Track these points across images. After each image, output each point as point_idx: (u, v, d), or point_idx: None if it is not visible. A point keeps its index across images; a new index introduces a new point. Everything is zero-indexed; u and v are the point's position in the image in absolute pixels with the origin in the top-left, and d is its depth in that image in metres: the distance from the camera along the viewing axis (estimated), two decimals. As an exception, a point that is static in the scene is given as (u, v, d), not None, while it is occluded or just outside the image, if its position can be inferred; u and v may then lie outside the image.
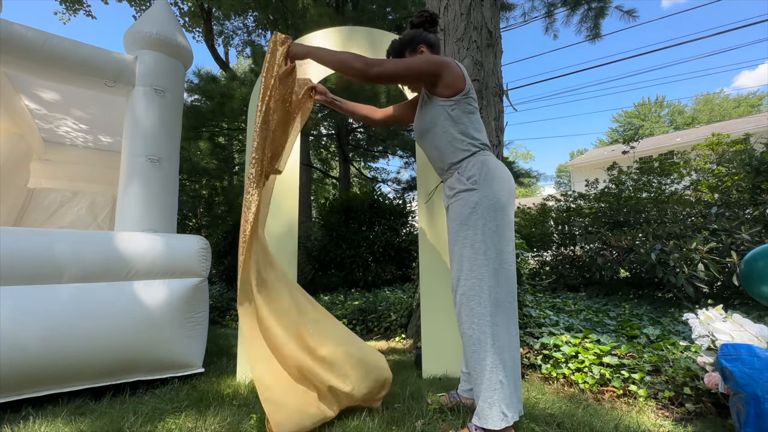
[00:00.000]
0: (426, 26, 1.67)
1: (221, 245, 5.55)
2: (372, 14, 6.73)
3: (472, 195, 1.37)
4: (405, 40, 1.66)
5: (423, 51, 1.63)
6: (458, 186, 1.43)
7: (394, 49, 1.69)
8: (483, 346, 1.28)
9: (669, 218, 3.23)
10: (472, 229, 1.34)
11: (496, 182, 1.39)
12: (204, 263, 2.05)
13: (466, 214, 1.36)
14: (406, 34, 1.68)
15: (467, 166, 1.43)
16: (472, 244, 1.33)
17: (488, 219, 1.34)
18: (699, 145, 4.49)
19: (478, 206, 1.35)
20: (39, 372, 1.59)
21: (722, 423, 1.43)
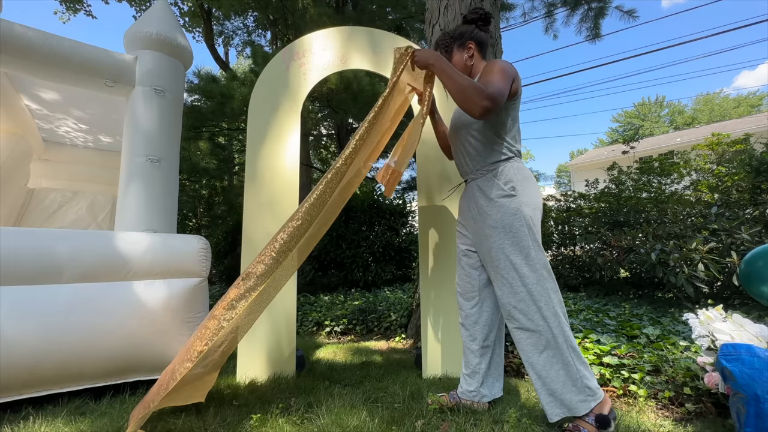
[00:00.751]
0: (479, 24, 1.64)
1: (221, 245, 5.55)
2: (372, 14, 6.72)
3: (512, 201, 1.39)
4: (455, 34, 1.64)
5: (471, 47, 1.61)
6: (495, 191, 1.43)
7: (444, 42, 1.65)
8: (557, 344, 1.31)
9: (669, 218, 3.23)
10: (517, 235, 1.37)
11: (533, 189, 1.44)
12: (204, 263, 2.05)
13: (509, 222, 1.38)
14: (457, 27, 1.66)
15: (503, 170, 1.45)
16: (521, 250, 1.36)
17: (531, 224, 1.38)
18: (699, 145, 4.49)
19: (519, 213, 1.38)
20: (39, 372, 1.59)
21: (722, 423, 1.43)
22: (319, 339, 3.14)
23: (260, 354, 1.99)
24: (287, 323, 2.04)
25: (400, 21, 7.19)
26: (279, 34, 7.33)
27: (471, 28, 1.62)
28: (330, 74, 2.33)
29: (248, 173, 2.11)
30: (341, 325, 3.21)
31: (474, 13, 1.65)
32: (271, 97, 2.19)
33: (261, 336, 2.00)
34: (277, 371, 1.98)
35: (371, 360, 2.38)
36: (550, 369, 1.32)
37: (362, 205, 5.04)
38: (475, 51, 1.60)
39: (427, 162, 2.23)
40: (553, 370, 1.32)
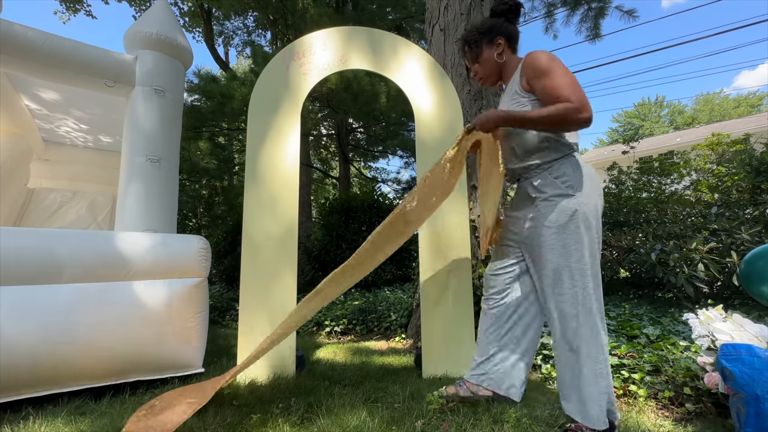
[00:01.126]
0: (509, 16, 1.53)
1: (221, 245, 5.54)
2: (372, 14, 6.73)
3: (569, 201, 1.31)
4: (484, 29, 1.52)
5: (500, 43, 1.50)
6: (550, 189, 1.34)
7: (472, 39, 1.54)
8: (592, 353, 1.29)
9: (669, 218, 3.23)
10: (572, 237, 1.30)
11: (593, 188, 1.34)
12: (204, 263, 2.05)
13: (564, 222, 1.30)
14: (484, 22, 1.54)
15: (559, 167, 1.35)
16: (573, 252, 1.30)
17: (586, 227, 1.30)
18: (699, 145, 4.49)
19: (577, 214, 1.30)
20: (39, 372, 1.59)
21: (722, 423, 1.43)
22: (319, 339, 3.14)
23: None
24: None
25: (400, 21, 7.20)
26: (279, 34, 7.34)
27: (499, 22, 1.51)
28: (330, 74, 2.33)
29: (248, 173, 2.11)
30: (341, 325, 3.21)
31: (504, 3, 1.53)
32: (271, 97, 2.19)
33: (261, 336, 2.00)
34: (277, 371, 1.97)
35: (371, 360, 2.38)
36: (583, 368, 1.30)
37: (362, 205, 5.04)
38: (504, 47, 1.51)
39: (428, 162, 2.23)
40: (585, 370, 1.30)
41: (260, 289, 2.03)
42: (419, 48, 2.35)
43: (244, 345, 1.98)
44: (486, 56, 1.53)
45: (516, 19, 1.55)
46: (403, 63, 2.31)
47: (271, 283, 2.04)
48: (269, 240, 2.07)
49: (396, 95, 5.89)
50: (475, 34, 1.54)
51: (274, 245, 2.07)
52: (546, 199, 1.35)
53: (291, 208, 2.12)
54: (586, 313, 1.29)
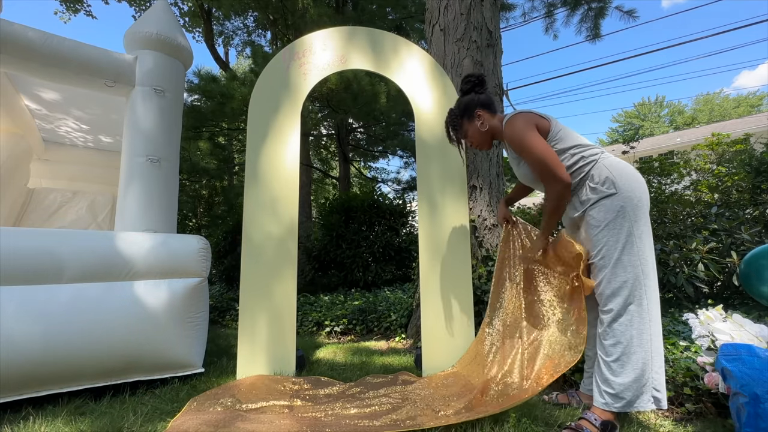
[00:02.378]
0: (477, 89, 1.67)
1: (221, 245, 5.54)
2: (372, 14, 6.72)
3: (614, 200, 1.34)
4: (461, 110, 1.67)
5: (480, 114, 1.63)
6: (593, 195, 1.38)
7: (453, 121, 1.69)
8: (633, 339, 1.31)
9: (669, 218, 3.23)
10: (617, 233, 1.33)
11: (633, 181, 1.37)
12: (204, 263, 2.05)
13: (611, 219, 1.34)
14: (459, 102, 1.69)
15: (596, 173, 1.40)
16: (624, 245, 1.32)
17: (634, 221, 1.33)
18: (699, 145, 4.49)
19: (622, 210, 1.33)
20: (39, 372, 1.59)
21: (722, 423, 1.43)
22: (319, 339, 3.14)
23: (260, 354, 1.99)
24: (287, 323, 2.04)
25: (400, 21, 7.20)
26: (279, 34, 7.33)
27: (471, 98, 1.65)
28: (330, 74, 2.33)
29: (248, 173, 2.11)
30: (341, 325, 3.21)
31: (467, 83, 1.68)
32: (271, 97, 2.19)
33: (261, 336, 2.00)
34: (277, 371, 1.97)
35: (371, 360, 2.38)
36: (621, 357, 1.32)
37: (362, 205, 5.04)
38: (485, 116, 1.63)
39: (428, 162, 2.23)
40: (624, 358, 1.31)
41: (260, 289, 2.03)
42: (419, 48, 2.35)
43: (244, 345, 1.98)
44: (471, 130, 1.67)
45: (483, 89, 1.68)
46: (404, 63, 2.31)
47: (271, 283, 2.04)
48: (269, 240, 2.07)
49: (396, 95, 5.89)
50: (455, 117, 1.69)
51: (274, 245, 2.07)
52: (592, 205, 1.40)
53: (291, 208, 2.12)
54: (624, 300, 1.32)
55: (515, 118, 1.48)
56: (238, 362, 1.97)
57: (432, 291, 2.10)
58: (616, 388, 1.30)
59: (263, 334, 2.01)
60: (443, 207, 2.18)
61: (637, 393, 1.29)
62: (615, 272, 1.33)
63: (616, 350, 1.31)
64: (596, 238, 1.38)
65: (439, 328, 2.06)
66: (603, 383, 1.34)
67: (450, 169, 2.20)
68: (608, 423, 1.30)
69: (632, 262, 1.32)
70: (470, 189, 2.54)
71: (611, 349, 1.33)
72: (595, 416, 1.32)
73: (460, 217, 2.18)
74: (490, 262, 2.49)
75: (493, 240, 2.54)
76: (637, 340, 1.30)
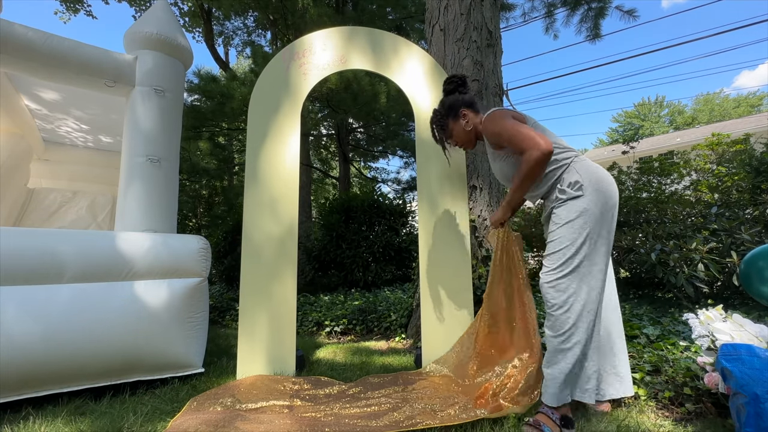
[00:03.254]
0: (461, 89, 1.71)
1: (221, 245, 5.54)
2: (372, 14, 6.72)
3: (580, 201, 1.36)
4: (446, 110, 1.70)
5: (465, 114, 1.66)
6: (561, 196, 1.41)
7: (438, 121, 1.72)
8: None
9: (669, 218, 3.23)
10: (574, 232, 1.35)
11: (604, 185, 1.40)
12: (204, 263, 2.05)
13: (572, 218, 1.36)
14: (443, 102, 1.72)
15: (566, 177, 1.42)
16: (578, 248, 1.34)
17: (593, 224, 1.34)
18: (699, 145, 4.49)
19: (587, 211, 1.35)
20: (39, 372, 1.59)
21: (722, 423, 1.43)
22: (319, 339, 3.14)
23: (260, 354, 1.99)
24: (287, 323, 2.04)
25: (400, 21, 7.20)
26: (279, 34, 7.33)
27: (456, 98, 1.68)
28: (330, 74, 2.33)
29: (248, 173, 2.11)
30: (341, 325, 3.21)
31: (450, 83, 1.72)
32: (271, 97, 2.19)
33: (261, 336, 2.00)
34: (277, 371, 1.97)
35: (371, 360, 2.38)
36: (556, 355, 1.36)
37: (362, 205, 5.04)
38: (469, 115, 1.66)
39: (428, 162, 2.23)
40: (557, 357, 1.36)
41: (260, 289, 2.04)
42: (419, 48, 2.35)
43: (244, 345, 1.99)
44: (457, 130, 1.70)
45: (465, 89, 1.72)
46: (404, 63, 2.31)
47: (271, 283, 2.04)
48: (269, 240, 2.07)
49: (396, 95, 5.89)
50: (439, 116, 1.72)
51: (274, 245, 2.07)
52: (559, 204, 1.42)
53: (291, 208, 2.12)
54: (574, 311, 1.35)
55: (493, 113, 1.53)
56: (238, 362, 1.98)
57: (432, 291, 2.10)
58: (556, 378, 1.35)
59: (263, 334, 2.01)
60: (443, 207, 2.18)
61: (574, 384, 1.36)
62: (563, 269, 1.36)
63: (555, 341, 1.36)
64: (554, 233, 1.41)
65: (439, 328, 2.06)
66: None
67: (450, 169, 2.20)
68: (566, 417, 1.34)
69: (582, 263, 1.35)
70: (470, 189, 2.54)
71: (552, 340, 1.38)
72: (552, 410, 1.36)
73: (460, 217, 2.18)
74: (489, 262, 2.49)
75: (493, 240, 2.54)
76: (576, 332, 1.33)
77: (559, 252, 1.37)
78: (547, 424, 1.31)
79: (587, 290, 1.34)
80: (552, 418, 1.33)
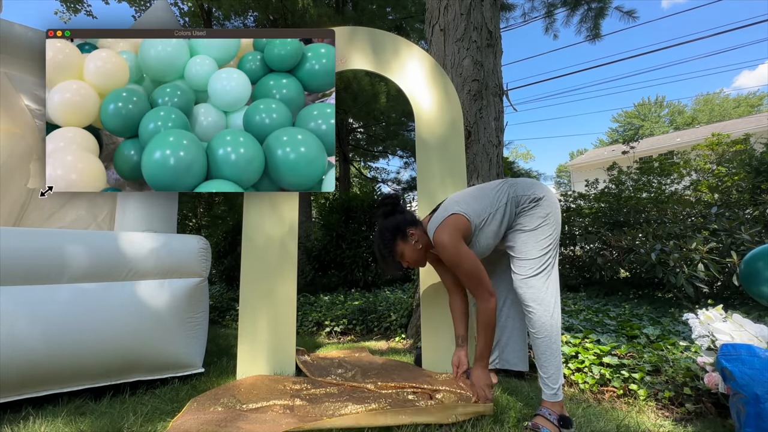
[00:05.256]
0: (398, 208, 1.69)
1: (221, 245, 5.54)
2: (372, 14, 6.72)
3: (541, 206, 1.52)
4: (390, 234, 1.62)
5: (413, 233, 1.62)
6: (518, 210, 1.55)
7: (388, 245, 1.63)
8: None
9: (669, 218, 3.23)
10: (542, 238, 1.49)
11: (552, 193, 1.57)
12: (204, 263, 2.05)
13: (538, 224, 1.50)
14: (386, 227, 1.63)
15: (509, 210, 1.54)
16: (546, 251, 1.48)
17: (555, 227, 1.51)
18: (699, 145, 4.50)
19: (549, 216, 1.50)
20: (39, 372, 1.58)
21: (722, 423, 1.43)
22: (319, 339, 3.14)
23: (260, 354, 1.99)
24: (287, 323, 2.04)
25: (400, 21, 7.20)
26: (279, 34, 7.32)
27: (398, 218, 1.64)
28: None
29: (248, 173, 2.11)
30: (341, 325, 3.21)
31: (387, 205, 1.69)
32: (271, 97, 2.19)
33: (261, 336, 2.00)
34: (277, 371, 1.97)
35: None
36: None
37: (362, 205, 5.04)
38: (417, 233, 1.63)
39: (428, 162, 2.23)
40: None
41: (260, 289, 2.04)
42: (420, 48, 2.35)
43: (244, 345, 1.99)
44: (408, 250, 1.63)
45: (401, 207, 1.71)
46: (405, 64, 2.31)
47: (271, 283, 2.04)
48: (269, 240, 2.07)
49: (396, 95, 5.89)
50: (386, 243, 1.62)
51: (274, 245, 2.07)
52: (516, 216, 1.56)
53: (291, 208, 2.12)
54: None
55: (441, 232, 1.51)
56: (238, 362, 1.98)
57: (432, 291, 2.10)
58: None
59: (263, 334, 2.01)
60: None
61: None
62: (536, 270, 1.46)
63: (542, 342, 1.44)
64: (521, 239, 1.51)
65: (439, 328, 2.05)
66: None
67: (450, 169, 2.20)
68: (564, 416, 1.37)
69: (554, 266, 1.48)
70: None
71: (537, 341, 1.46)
72: (549, 411, 1.37)
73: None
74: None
75: None
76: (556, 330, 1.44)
77: (530, 259, 1.48)
78: (546, 426, 1.31)
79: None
80: (550, 419, 1.34)
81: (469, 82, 2.62)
